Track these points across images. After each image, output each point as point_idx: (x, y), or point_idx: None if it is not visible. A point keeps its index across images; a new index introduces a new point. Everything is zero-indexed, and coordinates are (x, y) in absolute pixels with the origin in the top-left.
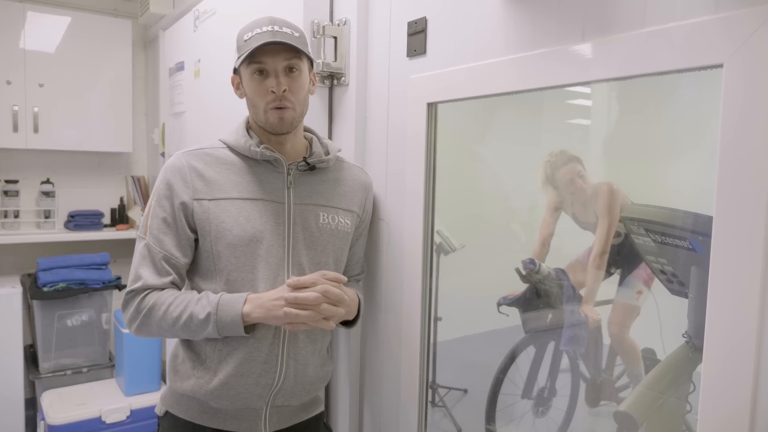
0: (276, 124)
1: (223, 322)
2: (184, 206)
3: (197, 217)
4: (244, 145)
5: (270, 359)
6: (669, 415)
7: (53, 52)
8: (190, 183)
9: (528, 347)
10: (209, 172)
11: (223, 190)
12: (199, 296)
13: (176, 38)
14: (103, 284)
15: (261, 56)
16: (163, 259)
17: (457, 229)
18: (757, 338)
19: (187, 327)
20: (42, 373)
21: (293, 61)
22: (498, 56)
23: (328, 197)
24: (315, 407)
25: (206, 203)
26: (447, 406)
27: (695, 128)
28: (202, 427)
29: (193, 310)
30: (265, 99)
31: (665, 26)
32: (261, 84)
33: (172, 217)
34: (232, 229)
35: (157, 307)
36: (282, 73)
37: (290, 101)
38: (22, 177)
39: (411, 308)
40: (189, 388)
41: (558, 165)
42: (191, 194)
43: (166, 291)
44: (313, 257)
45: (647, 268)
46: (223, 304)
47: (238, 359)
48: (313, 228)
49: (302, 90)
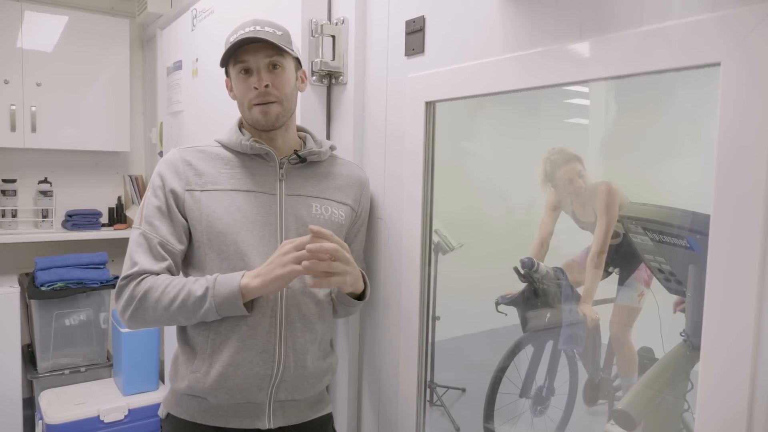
0: (260, 119)
1: (221, 296)
2: (175, 194)
3: (188, 207)
4: (236, 141)
5: (267, 348)
6: (667, 414)
7: (51, 51)
8: (183, 175)
9: (526, 346)
10: (202, 165)
11: (215, 182)
12: (195, 278)
13: (174, 37)
14: (101, 284)
15: (244, 55)
16: (159, 244)
17: (455, 229)
18: (754, 336)
19: (183, 306)
20: (40, 373)
21: (275, 58)
22: (496, 55)
23: (320, 189)
24: (322, 406)
25: (198, 194)
26: (445, 405)
27: (693, 127)
28: (204, 426)
29: (190, 288)
30: (248, 96)
31: (663, 25)
32: (245, 82)
33: (166, 206)
34: (223, 217)
35: (153, 290)
36: (264, 70)
37: (274, 95)
38: (19, 176)
39: (409, 307)
40: (187, 385)
41: (558, 163)
42: (183, 185)
43: (162, 275)
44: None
45: (647, 269)
46: (221, 279)
47: (233, 348)
48: (305, 218)
49: (287, 85)
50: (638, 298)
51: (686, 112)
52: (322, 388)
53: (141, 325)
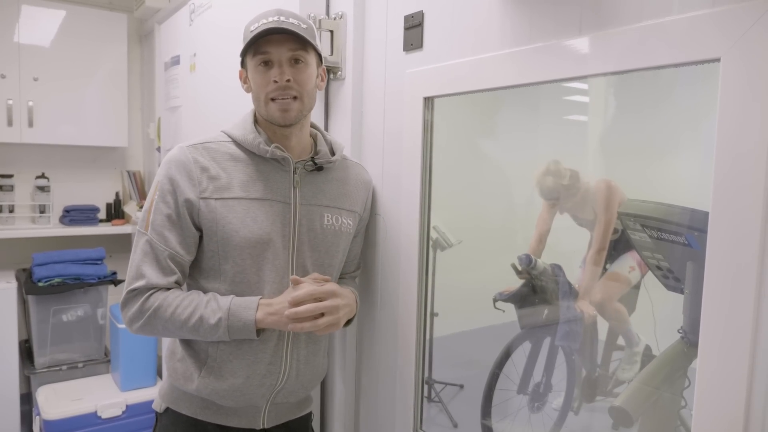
0: (278, 117)
1: (235, 328)
2: (189, 204)
3: (203, 217)
4: (252, 142)
5: (275, 360)
6: (664, 410)
7: (48, 46)
8: (197, 181)
9: (524, 343)
10: (215, 168)
11: (230, 189)
12: (207, 298)
13: (172, 32)
14: (99, 279)
15: (266, 46)
16: (169, 257)
17: (453, 225)
18: (752, 334)
19: (195, 330)
20: (37, 368)
21: (299, 52)
22: (495, 50)
23: (332, 197)
24: (307, 405)
25: (213, 203)
26: (443, 402)
27: (691, 123)
28: (204, 422)
29: (203, 314)
30: (266, 89)
31: (662, 20)
32: (264, 75)
33: (177, 214)
34: (240, 230)
35: (163, 308)
36: (286, 64)
37: (295, 91)
38: (16, 171)
39: (407, 304)
40: (194, 388)
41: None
42: (198, 192)
43: (172, 292)
44: (317, 259)
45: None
46: (234, 310)
47: (244, 361)
48: (318, 229)
49: (309, 82)
50: (628, 269)
51: (685, 109)
52: (310, 391)
53: (150, 335)
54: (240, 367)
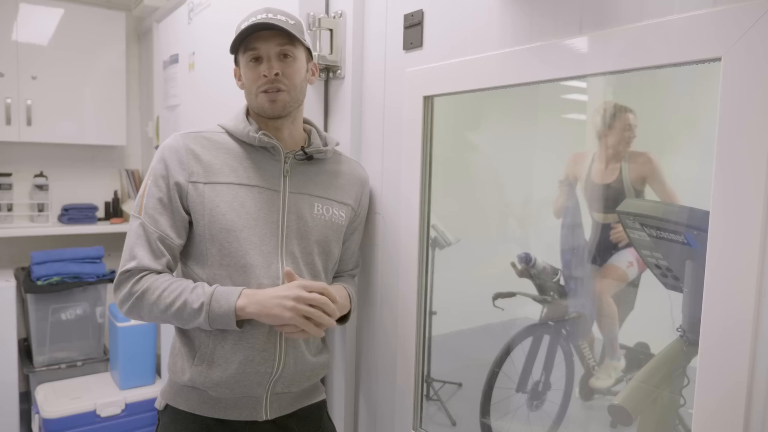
0: (267, 107)
1: (216, 314)
2: (179, 187)
3: (191, 200)
4: (243, 130)
5: (268, 347)
6: (663, 409)
7: (46, 44)
8: (187, 165)
9: (523, 341)
10: (206, 155)
11: (218, 174)
12: (194, 285)
13: (170, 30)
14: (98, 278)
15: (255, 42)
16: (159, 239)
17: (452, 224)
18: (752, 332)
19: (179, 314)
20: (36, 367)
21: (286, 47)
22: (495, 49)
23: (323, 188)
24: (316, 394)
25: (201, 186)
26: (442, 400)
27: (691, 122)
28: (203, 417)
29: (187, 298)
30: (256, 83)
31: (663, 19)
32: (255, 69)
33: (168, 197)
34: (226, 213)
35: (150, 291)
36: (275, 58)
37: (284, 84)
38: (15, 170)
39: (406, 302)
40: (188, 378)
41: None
42: (187, 176)
43: (161, 276)
44: (305, 247)
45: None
46: (218, 296)
47: (235, 346)
48: (307, 218)
49: (297, 75)
50: (627, 264)
51: (685, 108)
52: (316, 381)
53: (138, 319)
54: (232, 353)
